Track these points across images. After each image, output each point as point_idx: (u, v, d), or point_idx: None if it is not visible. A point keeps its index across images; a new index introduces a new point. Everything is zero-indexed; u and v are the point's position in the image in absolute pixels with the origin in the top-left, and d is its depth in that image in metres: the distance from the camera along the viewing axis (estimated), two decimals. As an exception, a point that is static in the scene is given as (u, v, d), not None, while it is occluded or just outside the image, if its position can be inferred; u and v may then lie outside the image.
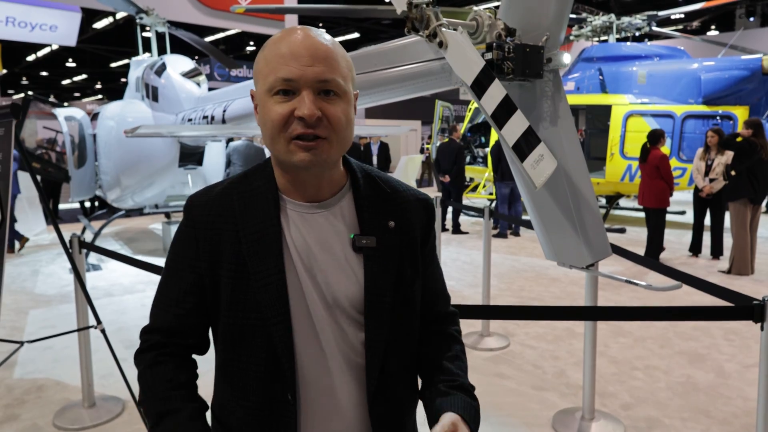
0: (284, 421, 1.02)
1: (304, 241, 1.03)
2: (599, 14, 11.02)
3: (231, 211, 1.03)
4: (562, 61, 2.25)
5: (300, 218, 1.04)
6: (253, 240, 1.01)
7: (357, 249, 1.04)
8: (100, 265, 6.92)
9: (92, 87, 31.96)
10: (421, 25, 2.18)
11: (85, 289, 3.02)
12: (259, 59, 1.01)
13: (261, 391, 1.02)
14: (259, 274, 1.00)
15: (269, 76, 0.98)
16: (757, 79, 8.45)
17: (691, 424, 3.11)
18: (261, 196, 1.04)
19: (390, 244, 1.06)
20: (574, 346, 4.20)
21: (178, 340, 1.08)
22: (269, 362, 1.01)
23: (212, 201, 1.05)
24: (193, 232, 1.04)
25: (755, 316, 1.74)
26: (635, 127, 8.71)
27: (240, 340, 1.03)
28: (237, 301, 1.01)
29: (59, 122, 7.36)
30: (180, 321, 1.07)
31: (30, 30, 10.51)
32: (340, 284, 1.03)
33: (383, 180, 1.12)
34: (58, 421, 3.17)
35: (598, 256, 2.33)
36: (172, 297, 1.07)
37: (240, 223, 1.02)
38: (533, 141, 1.98)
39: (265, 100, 0.99)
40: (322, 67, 0.96)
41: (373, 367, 1.04)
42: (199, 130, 5.65)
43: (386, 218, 1.07)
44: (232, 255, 1.02)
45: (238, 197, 1.04)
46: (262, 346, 1.01)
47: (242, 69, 19.71)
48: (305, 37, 0.98)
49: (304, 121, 0.95)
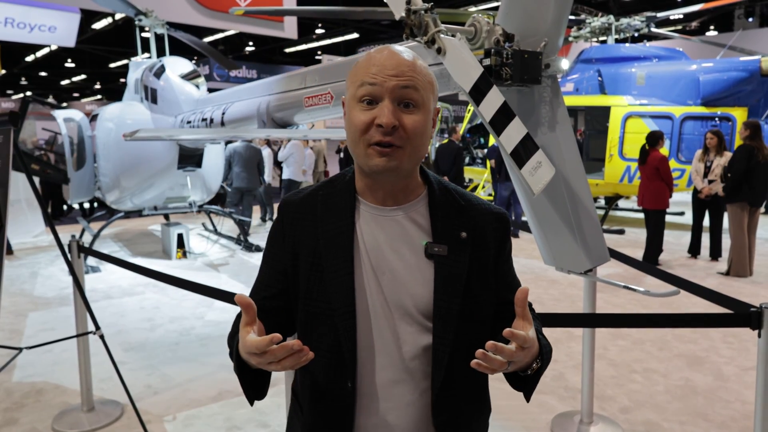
0: (342, 406, 1.09)
1: (375, 241, 1.11)
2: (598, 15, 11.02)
3: (314, 209, 1.14)
4: (560, 67, 2.25)
5: (373, 219, 1.12)
6: (328, 237, 1.11)
7: (429, 256, 1.10)
8: (99, 267, 6.91)
9: (91, 87, 31.93)
10: (420, 31, 2.18)
11: (83, 294, 3.02)
12: (351, 71, 1.11)
13: (325, 374, 1.11)
14: (331, 267, 1.09)
15: (357, 83, 1.07)
16: (755, 81, 8.45)
17: (689, 427, 3.11)
18: (340, 197, 1.14)
19: (461, 253, 1.11)
20: (573, 350, 4.21)
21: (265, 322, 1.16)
22: (334, 349, 1.09)
23: (300, 200, 1.17)
24: (281, 228, 1.17)
25: (753, 323, 1.74)
26: (634, 129, 8.71)
27: (311, 326, 1.12)
28: (311, 290, 1.11)
29: (58, 124, 7.35)
30: (267, 303, 1.16)
31: (29, 31, 10.50)
32: (406, 287, 1.09)
33: (459, 193, 1.18)
34: (57, 425, 3.17)
35: (597, 262, 2.34)
36: (263, 282, 1.19)
37: (319, 221, 1.13)
38: (531, 148, 1.98)
39: (351, 106, 1.09)
40: (403, 79, 1.05)
41: (438, 370, 1.08)
42: (198, 133, 5.64)
43: (459, 229, 1.13)
44: (311, 249, 1.12)
45: (321, 198, 1.16)
46: (329, 333, 1.09)
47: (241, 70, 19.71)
48: (391, 53, 1.08)
49: (382, 128, 1.03)
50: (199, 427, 3.17)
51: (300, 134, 4.43)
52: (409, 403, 1.10)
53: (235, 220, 8.13)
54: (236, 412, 3.33)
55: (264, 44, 22.89)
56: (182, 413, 3.33)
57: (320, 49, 23.85)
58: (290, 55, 25.36)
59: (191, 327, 4.83)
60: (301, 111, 3.85)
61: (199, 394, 3.57)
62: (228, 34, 20.02)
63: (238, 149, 8.58)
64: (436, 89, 1.12)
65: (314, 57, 24.29)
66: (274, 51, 24.74)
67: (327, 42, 22.37)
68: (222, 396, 3.52)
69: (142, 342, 4.50)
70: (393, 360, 1.09)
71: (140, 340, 4.53)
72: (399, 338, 1.09)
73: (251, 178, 8.68)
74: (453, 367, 1.09)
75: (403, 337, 1.09)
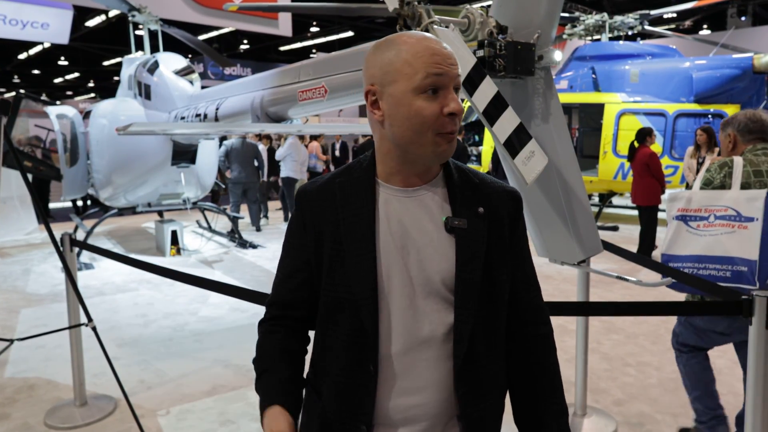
0: (364, 390, 1.10)
1: (399, 221, 1.12)
2: (592, 13, 11.06)
3: (333, 197, 1.15)
4: (553, 59, 2.26)
5: (397, 201, 1.13)
6: (349, 222, 1.12)
7: (450, 230, 1.12)
8: (93, 264, 6.88)
9: (85, 85, 31.76)
10: (413, 23, 2.18)
11: (76, 287, 3.00)
12: (392, 60, 1.07)
13: (346, 360, 1.12)
14: (352, 252, 1.10)
15: (416, 75, 1.04)
16: (748, 78, 8.50)
17: (682, 419, 3.13)
18: (359, 184, 1.15)
19: (479, 227, 1.14)
20: (567, 343, 4.22)
21: (291, 312, 1.21)
22: (356, 334, 1.10)
23: (317, 189, 1.18)
24: (301, 217, 1.18)
25: (744, 311, 1.75)
26: (628, 126, 8.75)
27: (333, 312, 1.14)
28: (333, 276, 1.12)
29: (51, 120, 7.31)
30: (292, 294, 1.20)
31: (21, 28, 10.43)
32: (433, 263, 1.11)
33: (473, 173, 1.21)
34: (50, 420, 3.16)
35: (590, 253, 2.35)
36: (286, 273, 1.21)
37: (339, 207, 1.13)
38: (524, 138, 1.99)
39: (410, 98, 1.05)
40: (456, 66, 1.08)
41: (461, 344, 1.10)
42: (192, 128, 5.63)
43: (476, 205, 1.15)
44: (332, 235, 1.13)
45: (339, 186, 1.16)
46: (351, 318, 1.11)
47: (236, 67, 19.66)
48: (437, 40, 1.08)
49: (453, 117, 1.06)
50: (193, 422, 3.16)
51: (294, 129, 4.43)
52: (431, 381, 1.11)
53: (230, 217, 8.12)
54: (230, 406, 3.32)
55: (258, 42, 22.85)
56: (176, 408, 3.32)
57: (315, 48, 23.83)
58: (285, 53, 25.31)
59: (185, 323, 4.81)
60: (296, 105, 3.84)
61: (193, 388, 3.56)
62: (223, 32, 19.97)
63: (234, 145, 8.57)
64: None
65: (309, 55, 24.25)
66: (269, 49, 24.69)
67: (322, 40, 22.35)
68: (216, 390, 3.52)
69: (136, 338, 4.48)
70: (415, 340, 1.10)
71: (134, 336, 4.52)
72: (422, 317, 1.10)
73: (249, 172, 8.69)
74: (474, 340, 1.11)
75: (428, 316, 1.10)
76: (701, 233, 2.36)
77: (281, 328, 1.21)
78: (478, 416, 1.13)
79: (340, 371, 1.12)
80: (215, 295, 5.31)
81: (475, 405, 1.12)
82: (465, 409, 1.11)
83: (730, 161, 2.49)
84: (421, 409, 1.11)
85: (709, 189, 2.45)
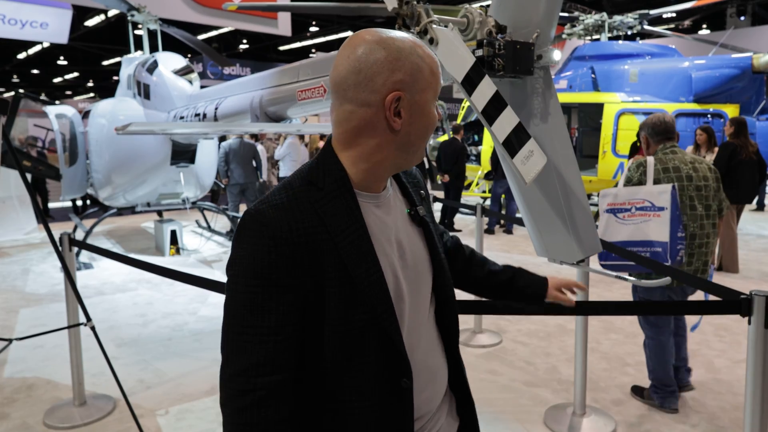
0: (403, 406, 1.08)
1: (387, 228, 1.11)
2: (591, 13, 11.06)
3: (316, 219, 1.01)
4: (552, 58, 2.25)
5: (377, 209, 1.11)
6: (347, 244, 1.02)
7: (418, 221, 1.19)
8: (92, 264, 6.88)
9: (84, 85, 31.73)
10: (412, 22, 2.18)
11: (75, 287, 3.00)
12: (421, 67, 1.06)
13: (377, 385, 1.05)
14: (362, 275, 1.02)
15: (435, 85, 1.09)
16: (747, 78, 8.50)
17: (681, 418, 3.13)
18: (339, 199, 1.04)
19: (429, 208, 1.25)
20: (566, 343, 4.22)
21: (287, 375, 0.99)
22: (383, 355, 1.05)
23: (293, 213, 1.00)
24: (286, 249, 0.98)
25: (743, 311, 1.75)
26: (627, 125, 8.75)
27: (350, 343, 1.02)
28: (344, 305, 1.01)
29: (50, 120, 7.31)
30: (283, 348, 0.98)
31: (21, 27, 10.41)
32: (418, 257, 1.15)
33: None
34: (49, 420, 3.16)
35: (589, 252, 2.34)
36: (269, 324, 0.97)
37: (331, 230, 1.01)
38: (523, 137, 1.98)
39: (431, 106, 1.10)
40: None
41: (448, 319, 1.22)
42: (191, 127, 5.62)
43: (418, 189, 1.24)
44: (332, 263, 1.01)
45: (316, 205, 1.03)
46: (374, 342, 1.03)
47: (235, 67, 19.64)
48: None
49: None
50: (192, 421, 3.16)
51: (293, 128, 4.42)
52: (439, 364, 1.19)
53: (229, 216, 8.11)
54: (229, 406, 3.32)
55: (258, 42, 22.84)
56: (175, 407, 3.32)
57: (314, 47, 23.82)
58: (284, 53, 25.30)
59: (184, 322, 4.81)
60: (295, 105, 3.84)
61: (192, 388, 3.56)
62: (222, 32, 19.96)
63: (233, 146, 8.56)
64: None
65: (308, 55, 24.24)
66: (268, 49, 24.68)
67: (321, 40, 22.34)
68: (215, 390, 3.52)
69: (135, 337, 4.48)
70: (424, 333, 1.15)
71: (133, 336, 4.51)
72: (425, 309, 1.16)
73: (248, 173, 8.69)
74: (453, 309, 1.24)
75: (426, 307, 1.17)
76: (626, 222, 2.84)
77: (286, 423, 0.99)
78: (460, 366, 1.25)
79: (373, 400, 1.05)
80: (214, 295, 5.30)
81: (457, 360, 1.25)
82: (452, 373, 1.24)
83: (645, 161, 3.03)
84: (438, 391, 1.19)
85: (629, 185, 2.97)
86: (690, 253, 2.98)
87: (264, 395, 0.96)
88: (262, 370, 0.97)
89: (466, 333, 4.38)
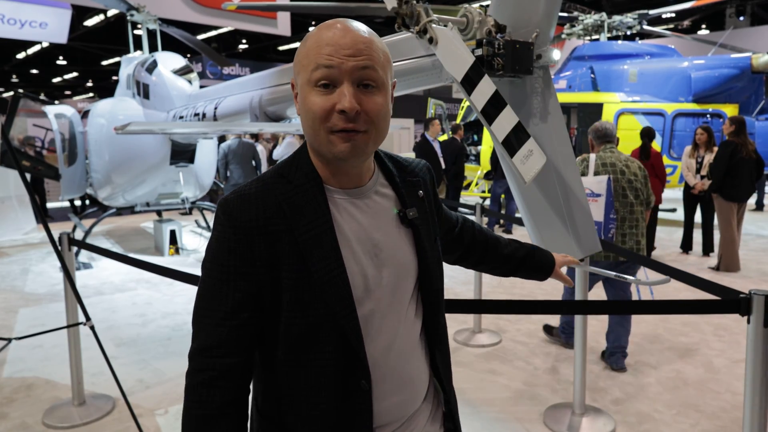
0: (360, 408, 1.04)
1: (359, 226, 1.06)
2: (591, 13, 11.06)
3: (280, 212, 1.01)
4: (551, 58, 2.26)
5: (351, 206, 1.06)
6: (308, 238, 1.00)
7: (406, 222, 1.12)
8: (91, 264, 6.87)
9: (83, 85, 31.71)
10: (412, 22, 2.18)
11: (74, 286, 3.00)
12: (300, 50, 1.03)
13: (333, 384, 1.03)
14: (321, 271, 1.00)
15: (310, 66, 0.98)
16: (746, 78, 8.52)
17: (680, 418, 3.13)
18: (307, 193, 1.03)
19: (425, 211, 1.16)
20: (566, 343, 4.22)
21: (236, 359, 1.01)
22: (339, 354, 1.02)
23: (256, 204, 1.01)
24: (244, 238, 1.00)
25: (742, 310, 1.75)
26: (626, 125, 8.76)
27: (305, 339, 1.02)
28: (301, 300, 1.00)
29: (49, 120, 7.30)
30: (237, 333, 1.01)
31: (20, 27, 10.41)
32: (399, 259, 1.09)
33: (398, 157, 1.21)
34: (48, 420, 3.15)
35: (588, 251, 2.35)
36: (225, 309, 1.01)
37: (292, 223, 1.01)
38: (523, 136, 1.98)
39: (306, 91, 1.00)
40: (361, 59, 0.97)
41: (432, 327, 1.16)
42: (191, 127, 5.62)
43: (415, 189, 1.16)
44: (291, 256, 1.00)
45: (282, 198, 1.02)
46: (330, 340, 1.01)
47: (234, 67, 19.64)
48: (345, 28, 0.99)
49: (345, 114, 0.97)
50: (192, 421, 3.16)
51: (293, 128, 4.42)
52: (415, 371, 1.13)
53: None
54: (229, 405, 3.32)
55: (257, 42, 22.82)
56: (174, 407, 3.31)
57: (314, 47, 23.77)
58: (283, 52, 25.29)
59: (183, 322, 4.81)
60: (294, 104, 3.83)
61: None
62: (221, 32, 19.95)
63: (232, 146, 8.56)
64: (391, 62, 1.07)
65: (308, 55, 24.20)
66: (268, 49, 24.67)
67: (320, 40, 22.30)
68: (214, 390, 3.51)
69: (134, 337, 4.48)
70: (395, 338, 1.08)
71: (132, 336, 4.51)
72: (400, 313, 1.09)
73: (247, 173, 8.69)
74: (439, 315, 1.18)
75: (402, 312, 1.10)
76: None
77: (232, 406, 1.01)
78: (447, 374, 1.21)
79: (326, 398, 1.03)
80: (214, 295, 5.29)
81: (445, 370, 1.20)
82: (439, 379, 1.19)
83: (588, 157, 3.79)
84: (412, 398, 1.12)
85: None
86: (623, 233, 3.69)
87: (215, 375, 1.00)
88: (216, 352, 1.00)
89: (466, 333, 4.38)
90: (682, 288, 5.08)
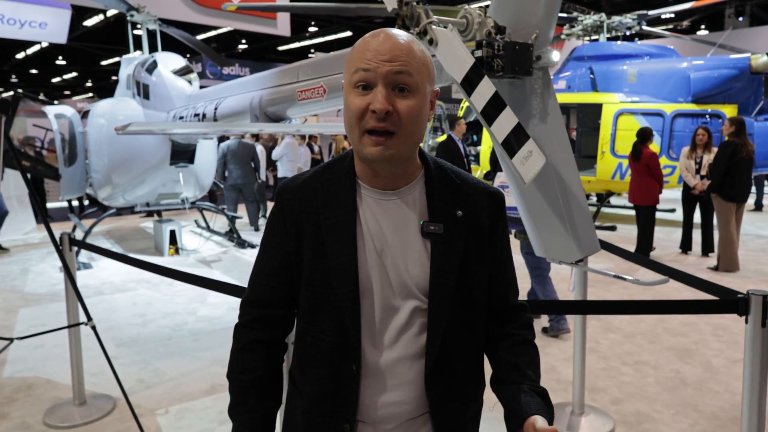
0: (347, 390, 1.11)
1: (377, 225, 1.12)
2: (590, 13, 11.07)
3: (314, 196, 1.14)
4: (551, 59, 2.26)
5: (375, 204, 1.13)
6: (330, 223, 1.12)
7: (425, 234, 1.12)
8: (91, 264, 6.88)
9: (82, 85, 31.70)
10: (412, 23, 2.19)
11: (75, 286, 3.00)
12: (348, 55, 1.11)
13: (328, 360, 1.12)
14: (334, 253, 1.10)
15: (352, 69, 1.08)
16: (745, 78, 8.52)
17: (679, 418, 3.14)
18: (340, 184, 1.14)
19: (456, 231, 1.13)
20: (565, 343, 4.23)
21: (271, 312, 1.19)
22: (337, 334, 1.11)
23: (298, 187, 1.17)
24: (282, 214, 1.17)
25: (740, 310, 1.77)
26: (626, 126, 8.77)
27: (314, 312, 1.13)
28: (314, 276, 1.12)
29: (49, 120, 7.31)
30: (272, 292, 1.19)
31: (19, 27, 10.40)
32: (408, 267, 1.11)
33: (455, 173, 1.20)
34: (49, 419, 3.16)
35: (587, 252, 2.36)
36: (265, 271, 1.20)
37: (321, 207, 1.13)
38: (522, 137, 1.99)
39: (348, 92, 1.08)
40: (396, 64, 1.04)
41: (432, 346, 1.11)
42: (191, 127, 5.63)
43: (454, 208, 1.14)
44: (313, 235, 1.12)
45: (320, 185, 1.15)
46: (332, 319, 1.11)
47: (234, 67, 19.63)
48: (387, 37, 1.07)
49: (376, 114, 1.03)
50: (192, 421, 3.17)
51: (293, 129, 4.43)
52: (409, 380, 1.12)
53: (228, 216, 8.12)
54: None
55: (257, 42, 22.82)
56: (175, 407, 3.32)
57: (313, 47, 23.82)
58: (283, 53, 25.29)
59: (184, 322, 4.82)
60: (294, 105, 3.85)
61: (192, 387, 3.56)
62: (221, 32, 19.94)
63: (231, 146, 8.57)
64: (432, 73, 1.11)
65: (307, 55, 24.22)
66: (267, 49, 24.67)
67: (320, 40, 22.34)
68: (214, 390, 3.52)
69: (135, 337, 4.48)
70: (396, 340, 1.11)
71: (132, 336, 4.52)
72: (402, 319, 1.11)
73: (246, 173, 8.70)
74: (447, 344, 1.12)
75: (406, 318, 1.11)
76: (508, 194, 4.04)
77: (260, 345, 1.19)
78: (449, 416, 1.14)
79: (323, 370, 1.13)
80: (214, 295, 5.31)
81: (445, 405, 1.13)
82: (436, 409, 1.13)
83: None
84: (399, 406, 1.12)
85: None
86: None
87: (250, 320, 1.21)
88: (256, 304, 1.21)
89: (465, 333, 4.39)
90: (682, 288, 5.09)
